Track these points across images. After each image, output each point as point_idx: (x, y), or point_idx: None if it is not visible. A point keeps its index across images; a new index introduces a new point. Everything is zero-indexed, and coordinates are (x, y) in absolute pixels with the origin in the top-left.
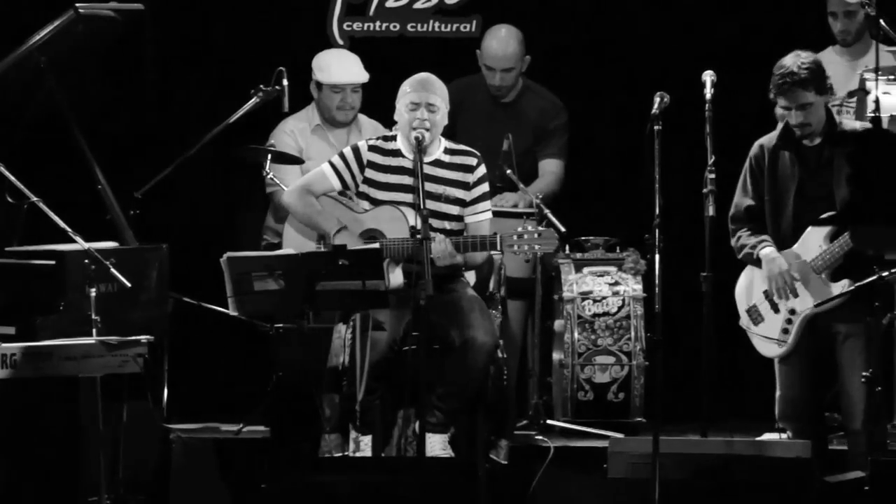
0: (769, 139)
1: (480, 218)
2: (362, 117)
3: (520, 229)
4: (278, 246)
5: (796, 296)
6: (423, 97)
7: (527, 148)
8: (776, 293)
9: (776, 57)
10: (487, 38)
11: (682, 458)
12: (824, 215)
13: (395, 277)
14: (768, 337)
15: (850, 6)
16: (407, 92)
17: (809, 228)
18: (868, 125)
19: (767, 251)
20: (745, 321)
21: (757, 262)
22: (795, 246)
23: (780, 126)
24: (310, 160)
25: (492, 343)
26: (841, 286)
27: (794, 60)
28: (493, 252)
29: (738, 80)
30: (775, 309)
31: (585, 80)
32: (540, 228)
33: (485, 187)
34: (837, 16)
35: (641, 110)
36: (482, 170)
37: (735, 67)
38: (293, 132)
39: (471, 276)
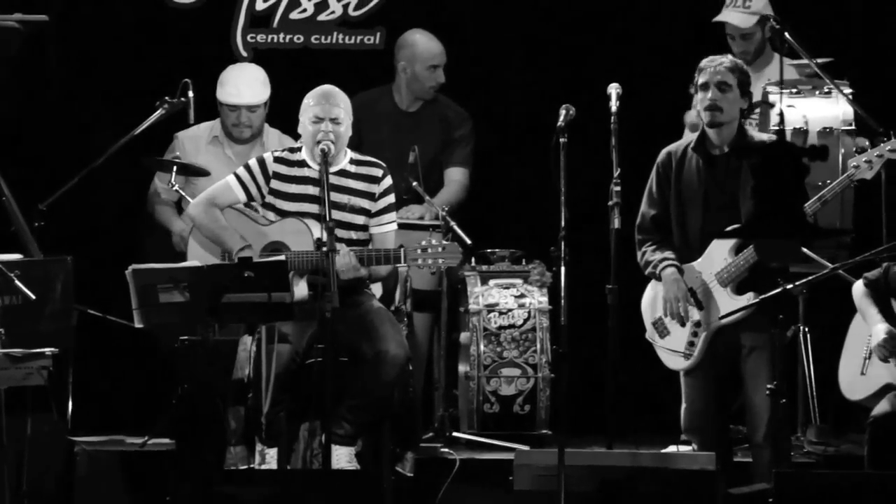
0: (677, 146)
1: (386, 229)
2: (271, 130)
3: (424, 243)
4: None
5: (683, 325)
6: (327, 110)
7: (433, 158)
8: (669, 315)
9: (682, 70)
10: (419, 43)
11: (588, 471)
12: (729, 228)
13: (300, 290)
14: (674, 350)
15: (745, 30)
16: (310, 105)
17: (714, 241)
18: (774, 137)
19: (669, 272)
20: (650, 334)
21: (660, 279)
22: (700, 259)
23: (687, 134)
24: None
25: (403, 356)
26: (746, 299)
27: (727, 56)
28: (397, 265)
29: (644, 92)
30: (681, 322)
31: (491, 90)
32: (444, 242)
33: (390, 199)
34: (735, 38)
35: (547, 122)
36: (388, 181)
37: (641, 80)
38: (183, 145)
39: (377, 289)
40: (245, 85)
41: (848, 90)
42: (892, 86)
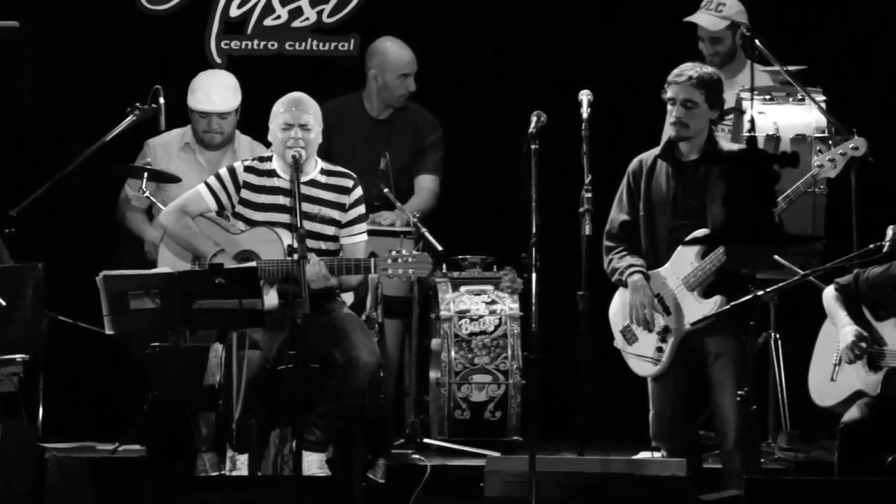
0: (648, 154)
1: (356, 240)
2: (242, 137)
3: (394, 253)
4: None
5: (650, 331)
6: (296, 117)
7: (403, 165)
8: (634, 322)
9: (654, 76)
10: (389, 51)
11: (559, 477)
12: (696, 234)
13: (270, 299)
14: (642, 356)
15: (715, 33)
16: (280, 112)
17: (680, 247)
18: (744, 146)
19: (635, 278)
20: (619, 342)
21: (626, 286)
22: (667, 265)
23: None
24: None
25: (375, 362)
26: (713, 302)
27: (696, 64)
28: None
29: (615, 99)
30: (647, 328)
31: (463, 97)
32: (414, 252)
33: (361, 209)
34: (704, 40)
35: (519, 129)
36: (358, 192)
37: (613, 87)
38: (154, 151)
39: (349, 296)
40: (216, 92)
41: (821, 98)
42: (864, 94)
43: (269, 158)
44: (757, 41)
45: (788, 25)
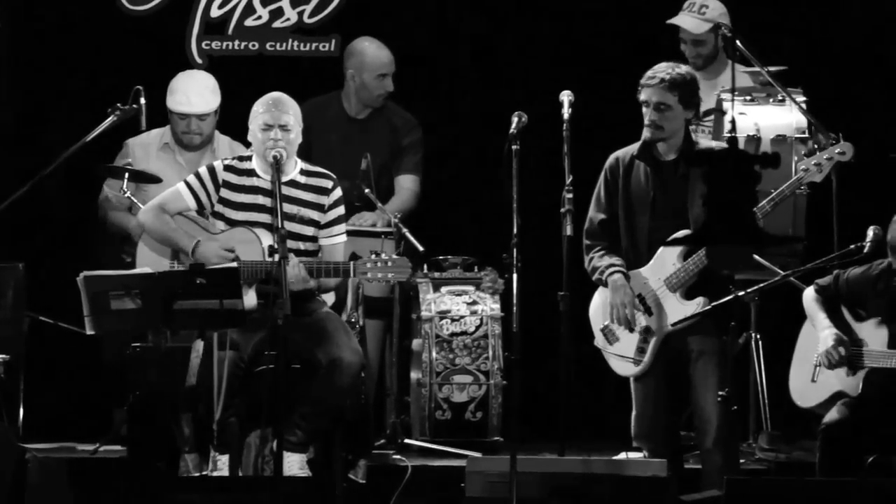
0: (625, 152)
1: (335, 241)
2: (222, 138)
3: (374, 256)
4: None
5: (631, 331)
6: (276, 117)
7: (383, 165)
8: (615, 322)
9: (634, 76)
10: (367, 51)
11: (540, 478)
12: (677, 235)
13: (249, 299)
14: (623, 356)
15: (697, 36)
16: (260, 112)
17: (662, 248)
18: (724, 145)
19: (615, 278)
20: (599, 341)
21: (607, 286)
22: (649, 264)
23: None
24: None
25: (358, 363)
26: (696, 304)
27: (669, 65)
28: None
29: (596, 100)
30: (628, 328)
31: (444, 98)
32: (394, 256)
33: (340, 210)
34: (687, 42)
35: (499, 129)
36: (338, 192)
37: (595, 87)
38: (133, 152)
39: (329, 297)
40: (194, 93)
41: (801, 98)
42: (846, 95)
43: (249, 158)
44: (738, 42)
45: (769, 26)
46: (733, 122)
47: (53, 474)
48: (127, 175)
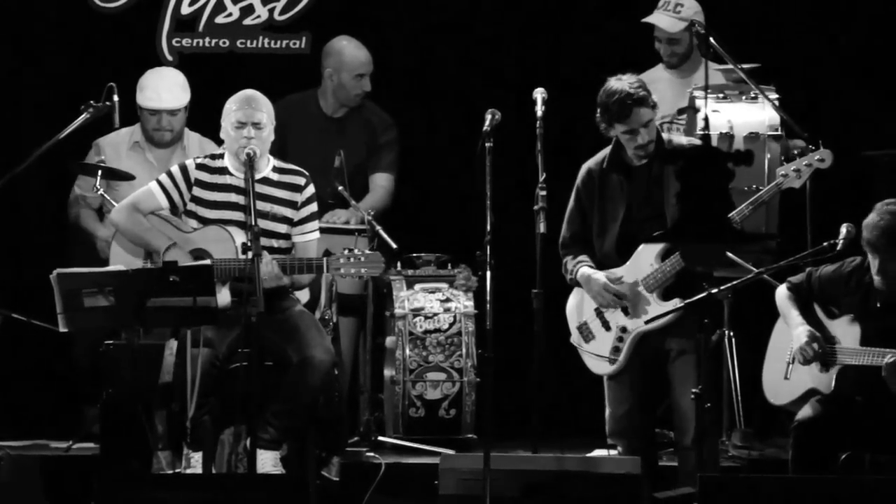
0: (595, 162)
1: (308, 238)
2: (191, 134)
3: (347, 252)
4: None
5: (608, 328)
6: (249, 114)
7: (358, 163)
8: (607, 307)
9: (607, 74)
10: (345, 51)
11: (513, 475)
12: (657, 233)
13: (222, 297)
14: (599, 354)
15: (672, 35)
16: (232, 110)
17: (641, 246)
18: (696, 141)
19: (583, 271)
20: (575, 338)
21: (580, 284)
22: (626, 265)
23: (606, 149)
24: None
25: (329, 361)
26: (673, 305)
27: (622, 83)
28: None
29: (570, 97)
30: (606, 327)
31: (417, 95)
32: (367, 252)
33: (313, 207)
34: (662, 41)
35: (474, 127)
36: (311, 189)
37: (567, 85)
38: (104, 151)
39: (304, 295)
40: (165, 89)
41: (774, 95)
42: (819, 92)
43: (221, 156)
44: (711, 39)
45: (742, 24)
46: (707, 119)
47: (26, 472)
48: (100, 173)
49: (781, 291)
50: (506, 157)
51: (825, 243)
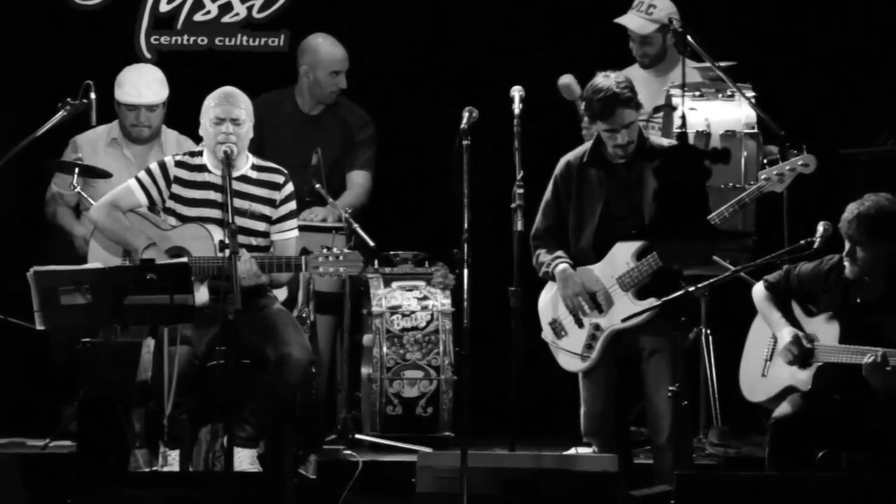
0: (575, 156)
1: (287, 236)
2: (170, 132)
3: (325, 251)
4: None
5: (581, 326)
6: (228, 111)
7: (335, 161)
8: (570, 312)
9: (585, 72)
10: (321, 48)
11: (490, 473)
12: (634, 231)
13: (200, 295)
14: (571, 351)
15: (644, 36)
16: (211, 107)
17: (617, 244)
18: (674, 141)
19: (562, 268)
20: (548, 335)
21: (554, 279)
22: (601, 262)
23: (587, 143)
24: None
25: (307, 359)
26: (648, 304)
27: (610, 81)
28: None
29: (547, 95)
30: (579, 324)
31: (395, 93)
32: (345, 250)
33: (292, 206)
34: (635, 41)
35: (451, 124)
36: (289, 188)
37: (545, 83)
38: (81, 148)
39: (281, 293)
40: (144, 85)
41: (750, 93)
42: (795, 90)
43: (200, 153)
44: (689, 37)
45: (717, 22)
46: (683, 117)
47: (5, 469)
48: (77, 170)
49: (759, 290)
50: (483, 154)
51: (802, 241)
